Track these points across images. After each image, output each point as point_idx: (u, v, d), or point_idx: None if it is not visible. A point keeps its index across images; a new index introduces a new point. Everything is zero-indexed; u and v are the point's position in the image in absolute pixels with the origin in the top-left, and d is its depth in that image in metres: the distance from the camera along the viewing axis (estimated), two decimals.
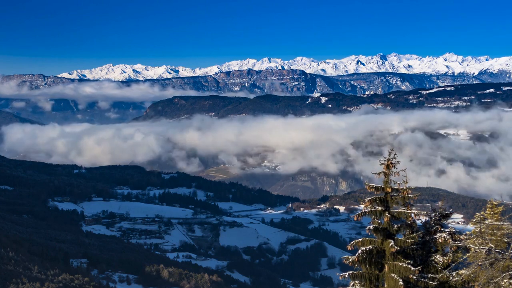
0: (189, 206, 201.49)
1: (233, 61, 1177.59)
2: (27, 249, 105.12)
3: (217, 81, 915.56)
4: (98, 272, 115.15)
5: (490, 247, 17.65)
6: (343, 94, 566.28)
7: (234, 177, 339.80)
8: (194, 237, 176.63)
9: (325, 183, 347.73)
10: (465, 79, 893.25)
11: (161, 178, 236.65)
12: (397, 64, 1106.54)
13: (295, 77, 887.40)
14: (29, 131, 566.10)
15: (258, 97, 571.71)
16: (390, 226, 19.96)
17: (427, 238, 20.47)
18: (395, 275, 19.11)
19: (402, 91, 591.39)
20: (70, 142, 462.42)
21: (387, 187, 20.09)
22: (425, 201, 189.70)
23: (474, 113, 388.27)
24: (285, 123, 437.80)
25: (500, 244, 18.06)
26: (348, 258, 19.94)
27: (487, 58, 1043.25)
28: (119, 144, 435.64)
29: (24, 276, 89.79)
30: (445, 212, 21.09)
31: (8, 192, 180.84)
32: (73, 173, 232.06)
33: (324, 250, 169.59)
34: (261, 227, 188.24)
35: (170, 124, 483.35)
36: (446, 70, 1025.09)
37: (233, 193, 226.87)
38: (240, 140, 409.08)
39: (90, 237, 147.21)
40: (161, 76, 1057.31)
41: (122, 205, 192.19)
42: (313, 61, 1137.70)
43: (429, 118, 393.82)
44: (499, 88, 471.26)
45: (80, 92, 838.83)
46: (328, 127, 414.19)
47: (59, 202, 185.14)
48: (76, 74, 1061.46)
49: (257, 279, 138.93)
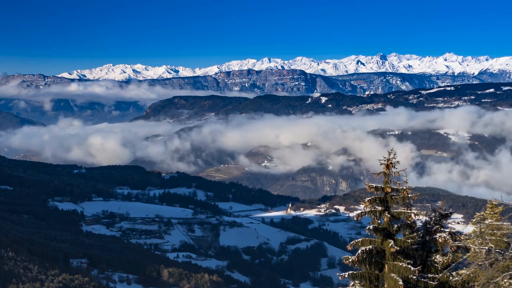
0: (189, 206, 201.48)
1: (233, 61, 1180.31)
2: (27, 249, 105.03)
3: (217, 81, 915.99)
4: (98, 272, 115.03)
5: (490, 247, 17.64)
6: (343, 94, 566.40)
7: (234, 177, 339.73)
8: (194, 237, 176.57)
9: (325, 183, 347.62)
10: (465, 79, 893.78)
11: (161, 178, 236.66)
12: (397, 64, 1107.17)
13: (295, 77, 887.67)
14: (29, 131, 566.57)
15: (258, 97, 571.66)
16: (390, 226, 19.96)
17: (427, 238, 20.46)
18: (395, 275, 19.10)
19: (402, 91, 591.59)
20: (71, 142, 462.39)
21: (387, 187, 20.09)
22: (425, 201, 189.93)
23: (474, 113, 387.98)
24: (285, 123, 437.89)
25: (500, 244, 18.05)
26: (348, 258, 19.94)
27: (487, 58, 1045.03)
28: (120, 144, 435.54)
29: (24, 276, 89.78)
30: (445, 212, 21.08)
31: (8, 192, 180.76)
32: (73, 173, 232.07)
33: (324, 250, 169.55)
34: (261, 227, 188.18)
35: (170, 124, 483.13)
36: (446, 70, 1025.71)
37: (233, 193, 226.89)
38: (240, 140, 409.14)
39: (90, 237, 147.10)
40: (161, 76, 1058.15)
41: (122, 205, 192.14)
42: (313, 61, 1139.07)
43: (429, 118, 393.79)
44: (499, 88, 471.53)
45: (80, 92, 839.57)
46: (328, 126, 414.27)
47: (59, 202, 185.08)
48: (76, 74, 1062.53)
49: (257, 279, 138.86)
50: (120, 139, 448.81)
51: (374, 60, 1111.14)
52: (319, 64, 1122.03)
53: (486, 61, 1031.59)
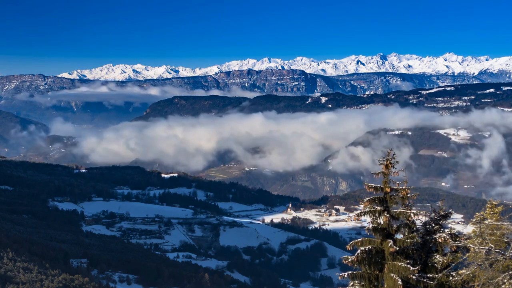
0: (189, 206, 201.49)
1: (233, 61, 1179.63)
2: (27, 249, 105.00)
3: (217, 81, 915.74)
4: (98, 272, 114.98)
5: (490, 247, 17.62)
6: (343, 94, 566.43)
7: (234, 177, 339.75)
8: (194, 237, 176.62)
9: (325, 183, 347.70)
10: (465, 79, 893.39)
11: (161, 178, 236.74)
12: (397, 64, 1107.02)
13: (295, 77, 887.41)
14: (30, 131, 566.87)
15: (258, 97, 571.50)
16: (389, 226, 19.93)
17: (427, 238, 20.45)
18: (394, 275, 19.08)
19: (402, 91, 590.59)
20: (71, 142, 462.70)
21: (386, 187, 20.07)
22: (425, 201, 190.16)
23: (474, 113, 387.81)
24: (285, 123, 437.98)
25: (500, 244, 18.03)
26: (347, 258, 19.91)
27: (487, 58, 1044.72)
28: (120, 144, 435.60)
29: (24, 276, 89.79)
30: (445, 212, 21.07)
31: (8, 192, 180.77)
32: (73, 173, 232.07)
33: (324, 250, 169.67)
34: (261, 227, 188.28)
35: (170, 124, 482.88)
36: (446, 70, 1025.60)
37: (233, 193, 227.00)
38: (240, 140, 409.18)
39: (90, 237, 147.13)
40: (161, 76, 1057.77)
41: (122, 205, 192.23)
42: (313, 61, 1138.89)
43: (429, 118, 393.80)
44: (499, 88, 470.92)
45: (80, 92, 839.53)
46: (328, 126, 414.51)
47: (59, 202, 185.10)
48: (76, 74, 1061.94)
49: (257, 279, 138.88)
50: (120, 139, 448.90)
51: (374, 60, 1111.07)
52: (319, 64, 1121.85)
53: (486, 61, 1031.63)
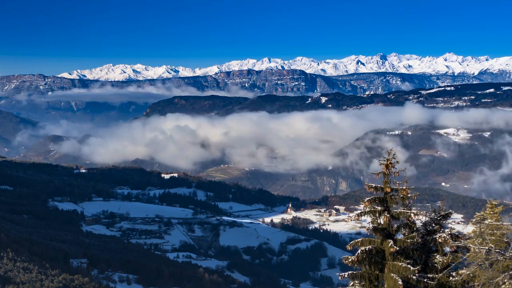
0: (189, 206, 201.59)
1: (233, 61, 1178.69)
2: (27, 249, 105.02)
3: (217, 81, 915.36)
4: (98, 272, 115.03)
5: (490, 247, 17.62)
6: (343, 94, 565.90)
7: (234, 177, 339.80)
8: (194, 237, 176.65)
9: (325, 183, 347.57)
10: (465, 79, 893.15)
11: (161, 178, 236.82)
12: (397, 64, 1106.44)
13: (295, 77, 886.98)
14: (30, 131, 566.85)
15: (258, 97, 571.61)
16: (389, 226, 19.94)
17: (427, 238, 20.45)
18: (394, 275, 19.08)
19: (402, 91, 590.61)
20: (71, 142, 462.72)
21: (386, 187, 20.07)
22: (425, 201, 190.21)
23: (474, 113, 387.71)
24: (285, 123, 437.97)
25: (500, 244, 18.03)
26: (347, 258, 19.92)
27: (487, 58, 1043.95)
28: (120, 144, 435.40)
29: (24, 276, 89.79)
30: (445, 212, 21.07)
31: (8, 192, 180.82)
32: (73, 173, 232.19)
33: (324, 250, 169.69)
34: (261, 227, 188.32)
35: (170, 124, 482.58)
36: (446, 70, 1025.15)
37: (233, 193, 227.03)
38: (240, 140, 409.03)
39: (90, 237, 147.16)
40: (161, 76, 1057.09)
41: (122, 205, 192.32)
42: (313, 61, 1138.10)
43: (429, 118, 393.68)
44: (499, 88, 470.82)
45: (80, 92, 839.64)
46: (328, 127, 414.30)
47: (59, 202, 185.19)
48: (76, 74, 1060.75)
49: (257, 279, 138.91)
50: (120, 139, 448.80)
51: (374, 60, 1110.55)
52: (319, 64, 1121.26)
53: (486, 61, 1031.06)
